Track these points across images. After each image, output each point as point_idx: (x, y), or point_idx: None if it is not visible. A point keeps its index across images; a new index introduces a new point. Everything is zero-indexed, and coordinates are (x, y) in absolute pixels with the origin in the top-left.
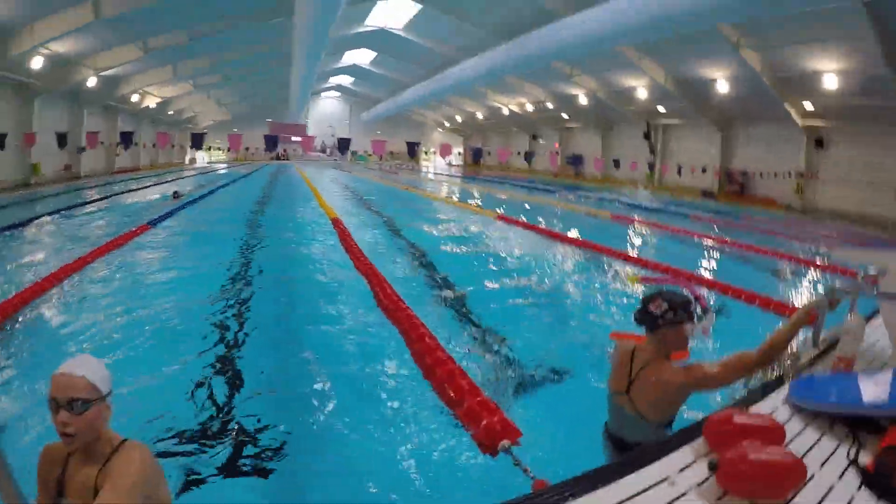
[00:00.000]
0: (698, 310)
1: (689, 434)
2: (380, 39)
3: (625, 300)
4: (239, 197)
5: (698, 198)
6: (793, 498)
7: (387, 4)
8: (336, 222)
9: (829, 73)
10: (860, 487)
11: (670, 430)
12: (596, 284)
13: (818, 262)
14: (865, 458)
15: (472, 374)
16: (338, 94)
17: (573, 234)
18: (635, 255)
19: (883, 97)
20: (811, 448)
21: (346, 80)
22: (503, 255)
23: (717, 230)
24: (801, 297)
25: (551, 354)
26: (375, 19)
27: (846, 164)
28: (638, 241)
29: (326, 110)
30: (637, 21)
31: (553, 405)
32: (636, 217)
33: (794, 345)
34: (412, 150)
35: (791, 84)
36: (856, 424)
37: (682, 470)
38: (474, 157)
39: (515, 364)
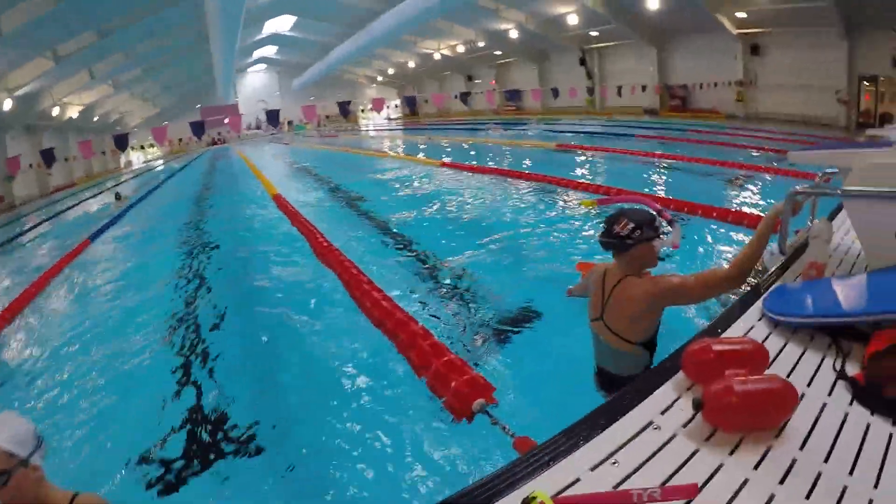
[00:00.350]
0: (663, 224)
1: (666, 370)
2: (298, 2)
3: (581, 228)
4: (177, 192)
5: (641, 116)
6: (785, 424)
7: None
8: (277, 198)
9: None
10: (852, 402)
11: (653, 355)
12: (550, 216)
13: (771, 168)
14: (852, 369)
15: (436, 332)
16: (264, 66)
17: (520, 168)
18: (585, 182)
19: None
20: (795, 366)
21: (270, 50)
22: (452, 200)
23: (663, 146)
24: (758, 204)
25: (514, 296)
26: None
27: (784, 69)
28: (586, 168)
29: (256, 85)
30: None
31: (524, 352)
32: (581, 144)
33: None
34: (344, 109)
35: None
36: (837, 333)
37: (665, 411)
38: (409, 106)
39: (480, 312)
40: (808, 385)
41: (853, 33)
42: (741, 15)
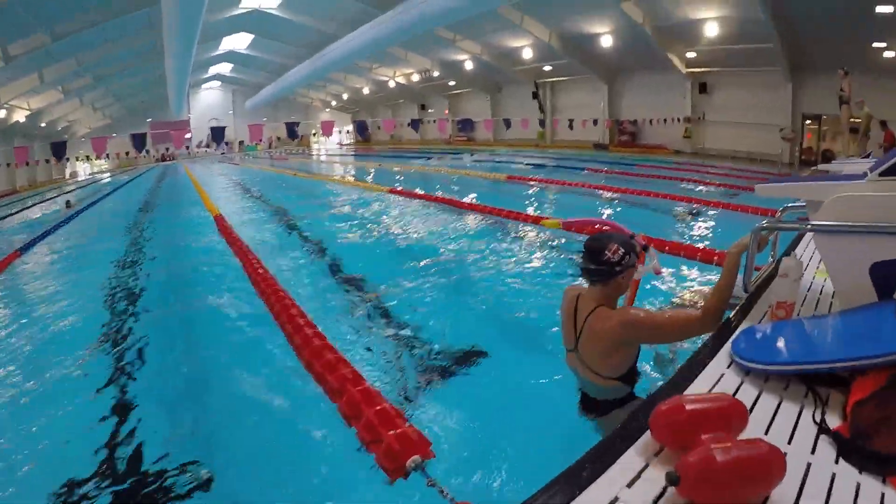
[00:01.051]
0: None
1: (631, 432)
2: (256, 21)
3: (528, 260)
4: (117, 207)
5: (591, 151)
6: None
7: None
8: (219, 219)
9: (710, 20)
10: (837, 459)
11: (634, 385)
12: (498, 248)
13: (720, 202)
14: (834, 421)
15: (371, 372)
16: (218, 83)
17: (469, 199)
18: (536, 215)
19: (761, 40)
20: (772, 420)
21: (225, 68)
22: (399, 229)
23: (613, 180)
24: (708, 238)
25: (460, 332)
26: (249, 0)
27: (730, 107)
28: (537, 199)
29: (209, 103)
30: None
31: (470, 397)
32: (532, 176)
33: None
34: (292, 131)
35: (673, 33)
36: (813, 380)
37: (631, 483)
38: (359, 130)
39: (421, 350)
40: (789, 442)
41: (797, 74)
42: (691, 55)
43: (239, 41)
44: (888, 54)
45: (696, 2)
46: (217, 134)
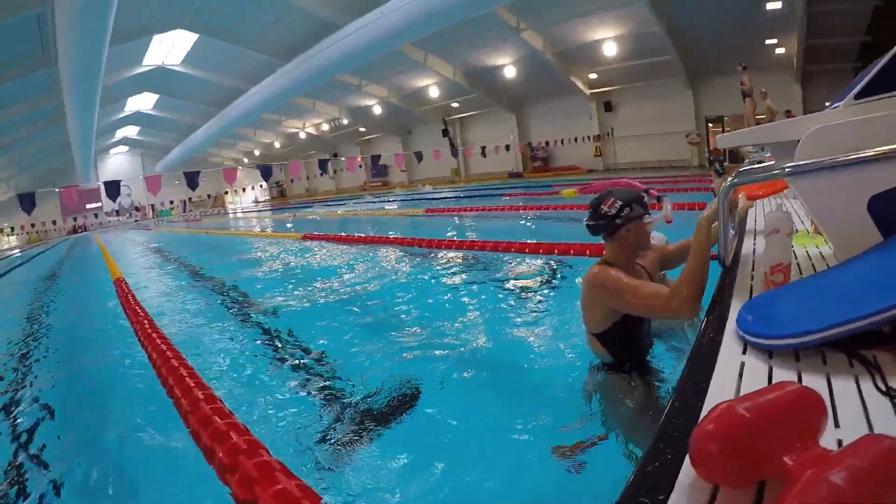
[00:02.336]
0: (651, 200)
1: (656, 477)
2: (159, 79)
3: (452, 290)
4: (22, 279)
5: (506, 180)
6: None
7: (161, 40)
8: (118, 282)
9: (608, 40)
10: None
11: (619, 357)
12: (420, 280)
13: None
14: None
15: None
16: (126, 148)
17: (389, 235)
18: (458, 240)
19: (659, 53)
20: (833, 406)
21: (132, 130)
22: (314, 273)
23: (531, 200)
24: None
25: (382, 375)
26: (152, 58)
27: (636, 121)
28: (457, 228)
29: (119, 168)
30: (412, 18)
31: (390, 457)
32: (450, 207)
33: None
34: (192, 181)
35: (574, 57)
36: (849, 345)
37: None
38: (264, 175)
39: (338, 402)
40: (870, 427)
41: (696, 81)
42: (593, 76)
43: (144, 101)
44: (779, 50)
45: (593, 24)
46: (110, 189)
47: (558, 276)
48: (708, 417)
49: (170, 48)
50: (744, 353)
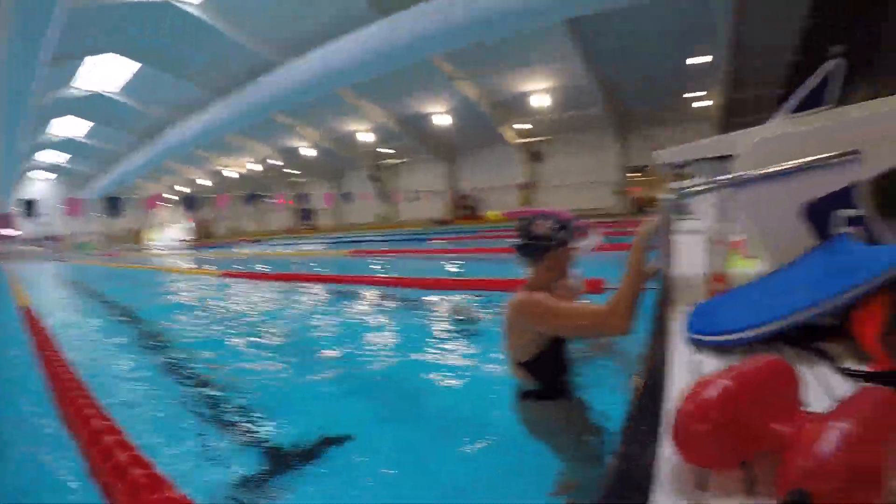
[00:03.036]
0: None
1: (632, 476)
2: (94, 106)
3: (383, 325)
4: None
5: (434, 226)
6: None
7: (95, 64)
8: (26, 311)
9: (540, 92)
10: None
11: (548, 388)
12: (345, 317)
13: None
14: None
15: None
16: (50, 174)
17: (313, 273)
18: (380, 276)
19: (589, 107)
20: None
21: (54, 156)
22: (232, 310)
23: (457, 244)
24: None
25: (310, 415)
26: (88, 83)
27: (564, 171)
28: (381, 268)
29: (40, 197)
30: (350, 62)
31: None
32: (376, 249)
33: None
34: (113, 207)
35: (506, 107)
36: (802, 341)
37: None
38: (187, 205)
39: (262, 444)
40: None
41: (622, 134)
42: (523, 126)
43: (75, 127)
44: (701, 104)
45: (526, 75)
46: (27, 209)
47: (482, 310)
48: (690, 397)
49: (108, 75)
50: (696, 353)
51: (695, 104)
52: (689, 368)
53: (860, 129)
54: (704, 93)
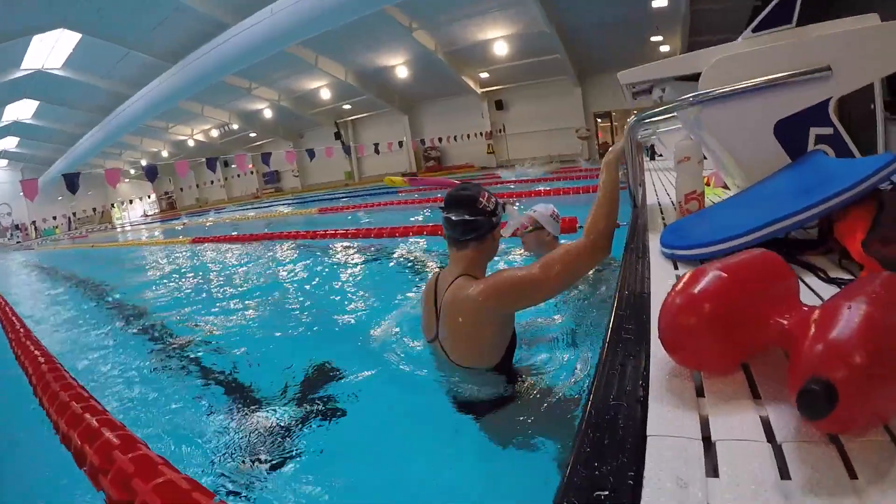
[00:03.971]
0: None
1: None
2: (38, 84)
3: (358, 276)
4: None
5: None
6: None
7: (42, 40)
8: None
9: (498, 40)
10: None
11: (514, 380)
12: (320, 270)
13: (537, 192)
14: (845, 275)
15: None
16: (6, 162)
17: (282, 231)
18: (354, 230)
19: (548, 52)
20: None
21: (10, 142)
22: (206, 273)
23: (424, 195)
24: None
25: (295, 370)
26: (31, 61)
27: (528, 118)
28: (352, 222)
29: None
30: (302, 17)
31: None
32: (345, 206)
33: None
34: (72, 184)
35: (465, 56)
36: (784, 254)
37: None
38: (148, 176)
39: (250, 411)
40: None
41: (585, 78)
42: (484, 75)
43: (23, 110)
44: (664, 48)
45: (483, 24)
46: None
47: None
48: (677, 288)
49: (49, 50)
50: (676, 268)
51: (655, 48)
52: (669, 283)
53: (830, 46)
54: (661, 37)
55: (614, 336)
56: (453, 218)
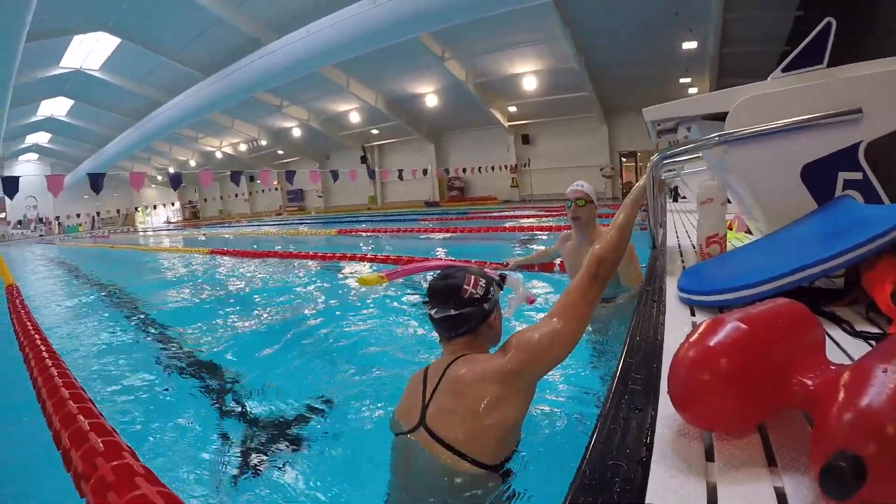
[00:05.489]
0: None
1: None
2: (76, 84)
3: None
4: None
5: (423, 208)
6: None
7: (81, 42)
8: (10, 289)
9: (528, 74)
10: None
11: (508, 485)
12: (334, 297)
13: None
14: (873, 329)
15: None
16: (36, 156)
17: (300, 251)
18: (371, 255)
19: (576, 89)
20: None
21: (43, 138)
22: (223, 287)
23: (446, 224)
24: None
25: (299, 394)
26: (70, 60)
27: (553, 154)
28: (370, 246)
29: (26, 179)
30: (337, 39)
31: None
32: (365, 229)
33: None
34: (96, 184)
35: (494, 89)
36: (807, 303)
37: None
38: (173, 184)
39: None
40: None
41: (611, 117)
42: (512, 108)
43: (58, 106)
44: (692, 90)
45: (514, 57)
46: (9, 187)
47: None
48: (692, 339)
49: (89, 51)
50: (693, 315)
51: (684, 90)
52: (685, 329)
53: (862, 88)
54: (690, 79)
55: (620, 386)
56: (435, 316)
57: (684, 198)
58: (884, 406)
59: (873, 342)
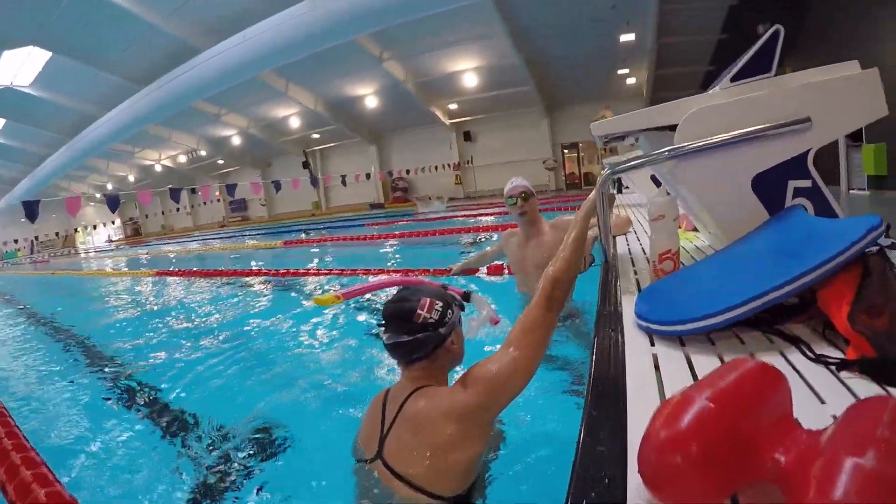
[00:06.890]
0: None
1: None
2: (6, 101)
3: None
4: None
5: (368, 210)
6: None
7: (11, 57)
8: None
9: (468, 71)
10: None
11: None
12: (285, 312)
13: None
14: (830, 350)
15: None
16: None
17: (245, 267)
18: (323, 269)
19: (517, 84)
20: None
21: None
22: (169, 309)
23: (392, 228)
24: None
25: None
26: (0, 77)
27: (496, 149)
28: (318, 258)
29: None
30: (274, 44)
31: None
32: (311, 238)
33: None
34: (31, 212)
35: (434, 87)
36: (763, 323)
37: None
38: (111, 206)
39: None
40: (817, 396)
41: (552, 110)
42: (453, 106)
43: None
44: (630, 80)
45: (454, 55)
46: None
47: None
48: (659, 420)
49: (19, 67)
50: (652, 344)
51: (623, 81)
52: (646, 368)
53: (810, 96)
54: (628, 70)
55: (586, 446)
56: (387, 342)
57: (627, 188)
58: (854, 491)
59: (833, 368)
